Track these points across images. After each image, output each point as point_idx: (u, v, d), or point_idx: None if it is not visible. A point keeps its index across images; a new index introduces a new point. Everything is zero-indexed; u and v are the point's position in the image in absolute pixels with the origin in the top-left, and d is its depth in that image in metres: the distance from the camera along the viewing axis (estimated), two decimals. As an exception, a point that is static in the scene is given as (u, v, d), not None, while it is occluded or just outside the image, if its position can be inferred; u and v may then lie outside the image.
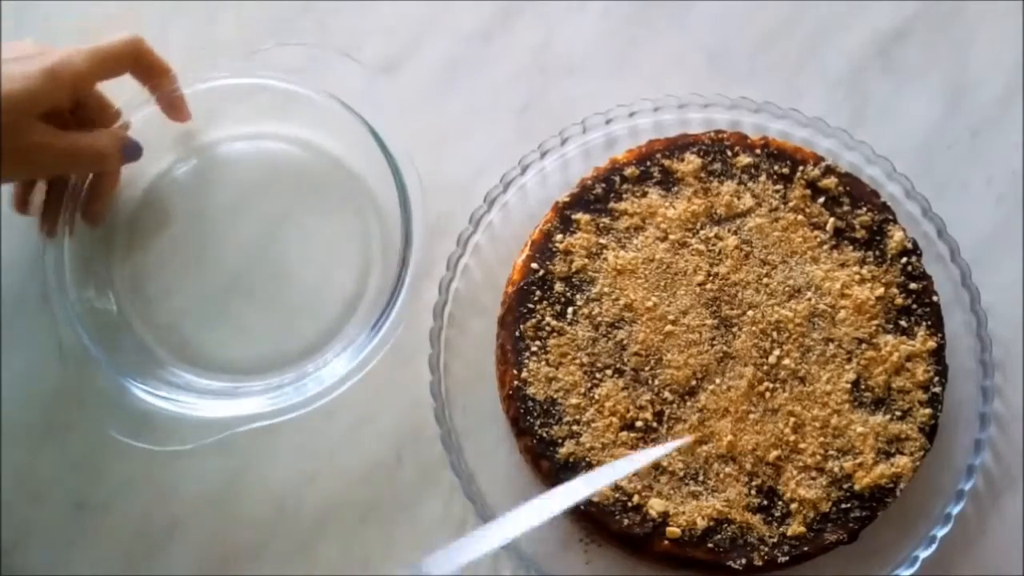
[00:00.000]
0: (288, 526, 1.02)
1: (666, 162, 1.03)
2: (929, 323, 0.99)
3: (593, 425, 0.96)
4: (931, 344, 0.98)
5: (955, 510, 0.98)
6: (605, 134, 1.09)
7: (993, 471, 1.02)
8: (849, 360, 0.98)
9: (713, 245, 1.00)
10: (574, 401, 0.97)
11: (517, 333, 0.98)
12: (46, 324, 1.04)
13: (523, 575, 0.97)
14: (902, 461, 0.95)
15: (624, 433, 0.96)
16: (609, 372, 0.97)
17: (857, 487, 0.95)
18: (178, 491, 1.02)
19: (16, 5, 1.11)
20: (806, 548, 0.94)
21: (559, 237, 1.01)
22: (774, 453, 0.95)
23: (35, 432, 1.03)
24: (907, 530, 0.98)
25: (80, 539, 1.02)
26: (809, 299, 0.99)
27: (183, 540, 1.02)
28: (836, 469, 0.95)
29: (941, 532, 0.97)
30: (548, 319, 0.98)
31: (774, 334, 0.98)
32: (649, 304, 0.98)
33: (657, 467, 0.95)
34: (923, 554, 0.96)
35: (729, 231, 1.01)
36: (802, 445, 0.95)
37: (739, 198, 1.02)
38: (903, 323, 0.99)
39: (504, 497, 0.99)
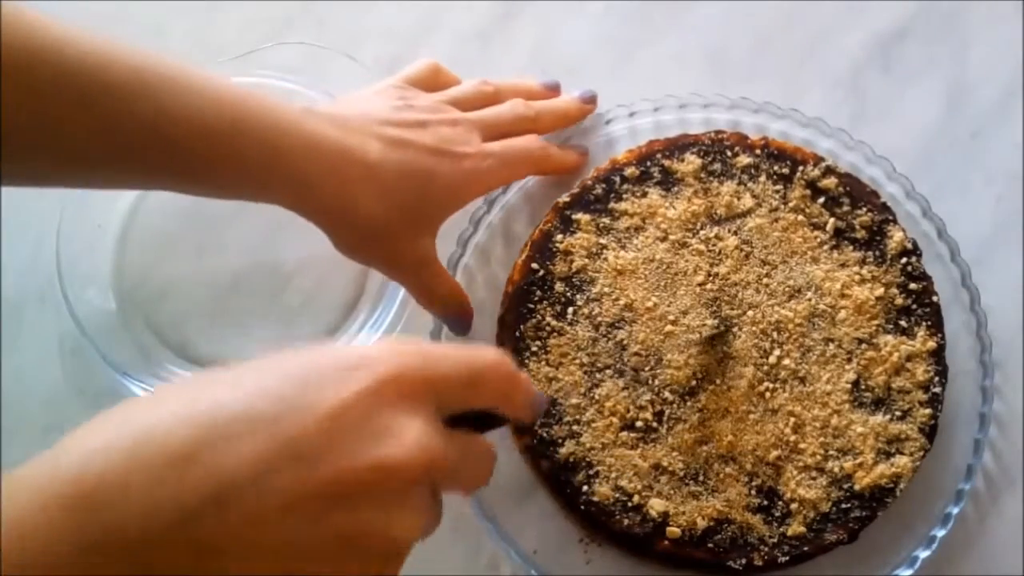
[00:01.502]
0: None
1: (666, 162, 1.03)
2: (929, 323, 0.99)
3: (593, 425, 0.96)
4: (931, 344, 0.98)
5: (955, 510, 0.97)
6: (605, 134, 1.09)
7: (993, 471, 1.02)
8: (849, 360, 0.98)
9: (713, 245, 1.00)
10: (574, 401, 0.97)
11: (517, 333, 0.99)
12: (46, 324, 1.05)
13: (523, 575, 0.97)
14: (902, 461, 0.95)
15: (624, 433, 0.96)
16: (609, 372, 0.97)
17: (857, 487, 0.95)
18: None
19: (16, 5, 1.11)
20: (806, 548, 0.94)
21: (559, 237, 1.01)
22: (774, 453, 0.95)
23: (35, 432, 1.03)
24: (907, 530, 0.98)
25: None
26: (809, 299, 0.99)
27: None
28: (836, 469, 0.95)
29: (941, 532, 0.97)
30: (548, 319, 0.99)
31: (774, 334, 0.98)
32: (649, 304, 0.98)
33: (657, 467, 0.95)
34: (923, 554, 0.96)
35: (729, 231, 1.01)
36: (802, 445, 0.95)
37: (739, 198, 1.02)
38: (903, 323, 0.99)
39: (504, 496, 0.99)
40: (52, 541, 0.52)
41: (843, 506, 0.95)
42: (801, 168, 1.02)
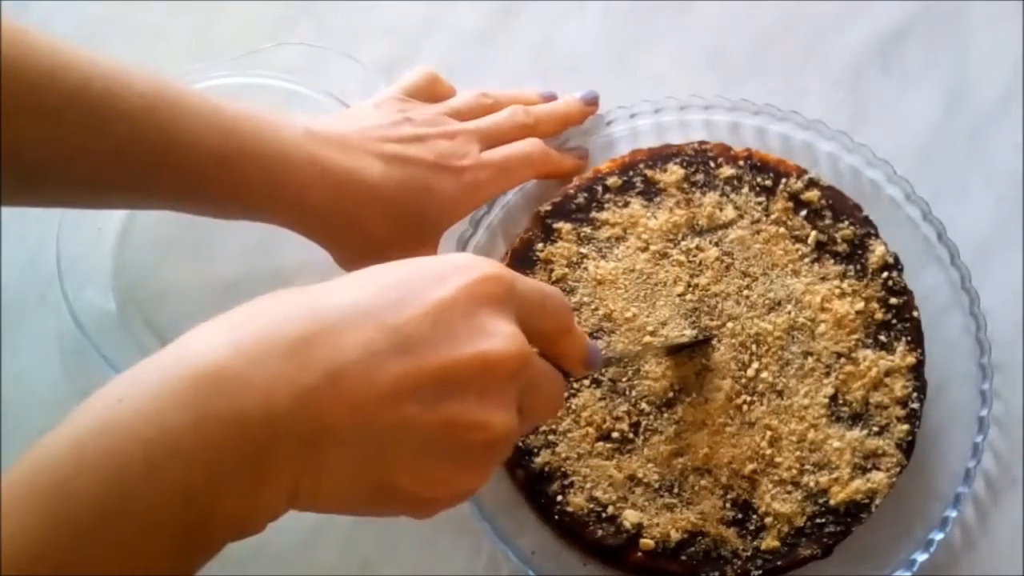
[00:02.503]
0: (286, 526, 1.03)
1: (649, 172, 1.03)
2: (909, 338, 0.98)
3: (569, 435, 0.96)
4: (910, 360, 0.97)
5: (953, 514, 0.97)
6: (606, 135, 1.09)
7: (994, 474, 1.01)
8: (827, 374, 0.97)
9: (694, 256, 1.00)
10: (550, 411, 0.97)
11: (497, 342, 0.99)
12: (46, 324, 1.06)
13: (522, 576, 0.98)
14: (878, 477, 0.95)
15: (600, 444, 0.96)
16: (586, 382, 0.97)
17: (832, 502, 0.94)
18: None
19: (16, 5, 1.12)
20: (780, 563, 0.94)
21: (540, 246, 1.01)
22: (750, 466, 0.95)
23: (35, 432, 1.03)
24: (905, 533, 0.97)
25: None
26: (789, 312, 0.98)
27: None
28: (812, 484, 0.95)
29: (939, 536, 0.96)
30: (528, 329, 0.98)
31: (753, 347, 0.98)
32: (628, 315, 0.98)
33: (632, 478, 0.95)
34: (920, 557, 0.96)
35: (710, 242, 1.00)
36: (778, 459, 0.95)
37: (721, 209, 1.01)
38: (882, 338, 0.98)
39: (503, 497, 0.99)
40: (177, 415, 0.56)
41: (818, 521, 0.94)
42: (784, 180, 1.02)
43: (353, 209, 0.92)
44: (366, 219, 0.92)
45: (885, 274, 0.99)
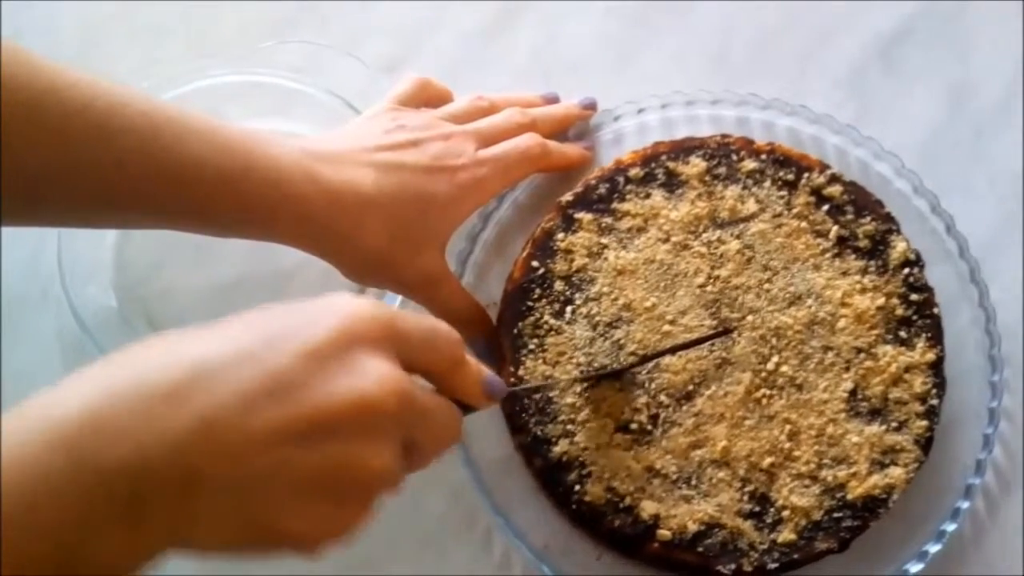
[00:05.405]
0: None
1: (671, 164, 1.03)
2: (929, 335, 0.99)
3: (588, 425, 0.96)
4: (930, 356, 0.98)
5: (965, 505, 0.98)
6: (613, 130, 1.10)
7: (1003, 465, 1.02)
8: (847, 369, 0.97)
9: (715, 248, 1.00)
10: (569, 400, 0.96)
11: (515, 331, 0.99)
12: (46, 324, 1.05)
13: (533, 574, 0.97)
14: (896, 472, 0.95)
15: (618, 434, 0.96)
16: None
17: (850, 497, 0.94)
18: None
19: (16, 5, 1.12)
20: (796, 556, 0.94)
21: (560, 236, 1.01)
22: (768, 460, 0.95)
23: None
24: (917, 525, 0.98)
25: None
26: (809, 306, 0.98)
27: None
28: (830, 478, 0.95)
29: (951, 527, 0.97)
30: (547, 317, 0.99)
31: (773, 340, 0.98)
32: (648, 304, 0.98)
33: (650, 469, 0.95)
34: (933, 549, 0.97)
35: (731, 235, 1.01)
36: (796, 453, 0.95)
37: (743, 203, 1.01)
38: (903, 334, 0.99)
39: (515, 491, 1.00)
40: (55, 459, 0.56)
41: (835, 515, 0.94)
42: (806, 175, 1.02)
43: (350, 221, 0.92)
44: (365, 230, 0.92)
45: (906, 270, 1.00)
